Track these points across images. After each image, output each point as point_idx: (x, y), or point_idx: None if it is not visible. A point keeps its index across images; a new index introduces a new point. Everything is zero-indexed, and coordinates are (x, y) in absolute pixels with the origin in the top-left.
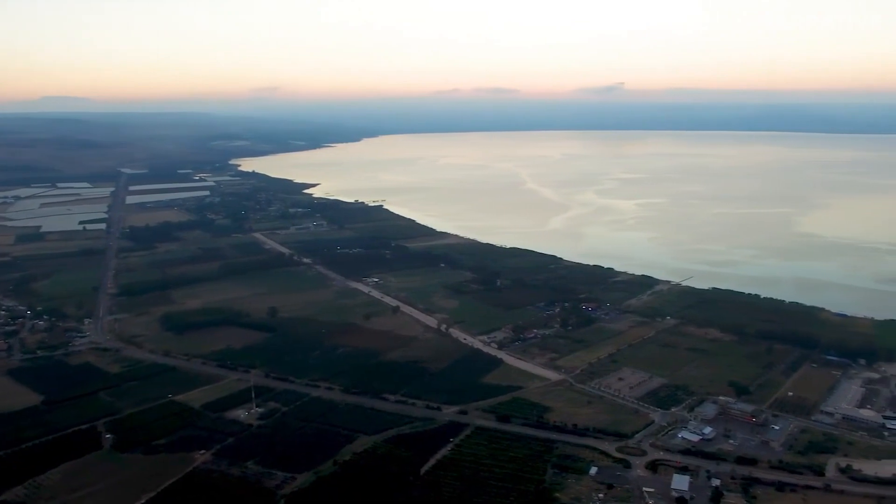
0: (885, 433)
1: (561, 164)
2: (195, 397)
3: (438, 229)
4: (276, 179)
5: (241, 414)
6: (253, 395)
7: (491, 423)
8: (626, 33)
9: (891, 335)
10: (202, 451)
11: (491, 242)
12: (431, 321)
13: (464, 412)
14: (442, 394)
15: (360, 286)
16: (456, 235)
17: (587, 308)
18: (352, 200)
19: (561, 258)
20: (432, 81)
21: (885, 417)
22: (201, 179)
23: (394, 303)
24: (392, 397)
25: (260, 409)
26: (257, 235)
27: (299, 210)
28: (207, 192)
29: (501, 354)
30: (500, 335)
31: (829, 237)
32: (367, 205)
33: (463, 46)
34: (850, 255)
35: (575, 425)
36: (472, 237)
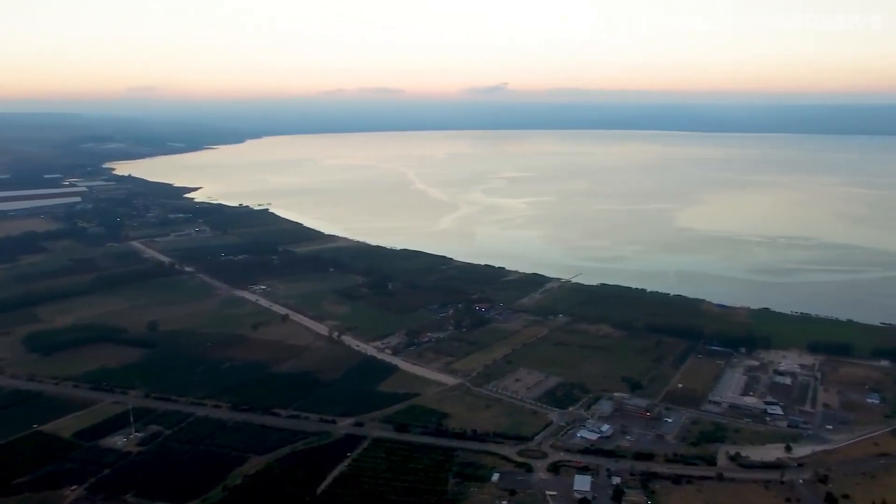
0: (767, 419)
1: (448, 163)
2: (65, 426)
3: (327, 232)
4: (154, 184)
5: (118, 441)
6: (131, 419)
7: (389, 434)
8: (508, 34)
9: (766, 323)
10: (74, 487)
11: (381, 245)
12: (323, 329)
13: (360, 424)
14: (336, 405)
15: (247, 295)
16: (345, 238)
17: (480, 308)
18: (236, 204)
19: (452, 259)
20: (317, 81)
21: (767, 403)
22: (71, 185)
23: (283, 311)
24: (284, 412)
25: (140, 434)
26: (135, 244)
27: (180, 216)
28: (78, 199)
29: (396, 360)
30: (393, 340)
31: (705, 231)
32: (251, 209)
33: (347, 46)
34: (725, 247)
35: (474, 431)
36: (361, 240)
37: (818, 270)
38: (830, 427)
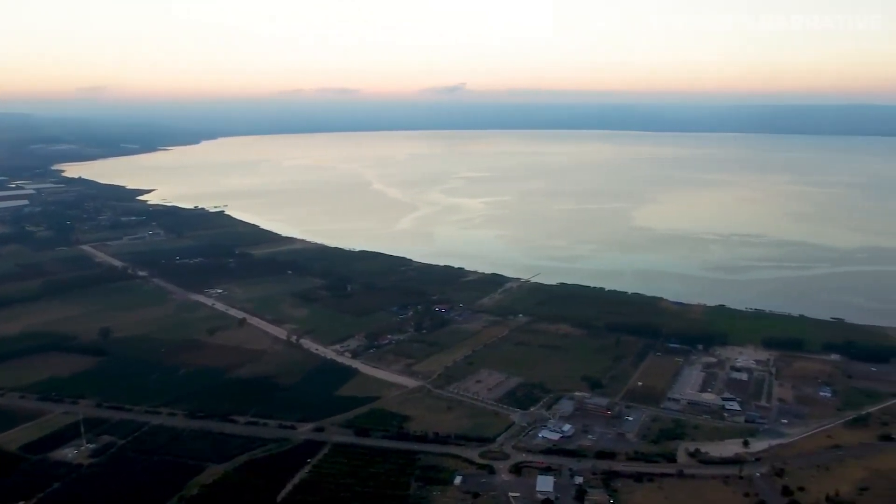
0: (725, 414)
1: (407, 163)
2: (12, 438)
3: (284, 234)
4: (106, 186)
5: (69, 453)
6: (82, 430)
7: (349, 439)
8: (467, 35)
9: (722, 320)
10: (21, 503)
11: (339, 246)
12: (281, 332)
13: (320, 429)
14: (296, 411)
15: (203, 299)
16: (303, 240)
17: (440, 309)
18: (191, 207)
19: (411, 260)
20: (274, 81)
21: (724, 399)
22: (18, 187)
23: (240, 315)
24: (242, 419)
25: (91, 446)
26: (86, 248)
27: (133, 218)
28: (26, 202)
29: (356, 364)
30: (353, 343)
31: (662, 229)
32: (207, 211)
33: (306, 45)
34: (681, 245)
35: (436, 433)
36: (319, 241)
37: (770, 267)
38: (786, 421)
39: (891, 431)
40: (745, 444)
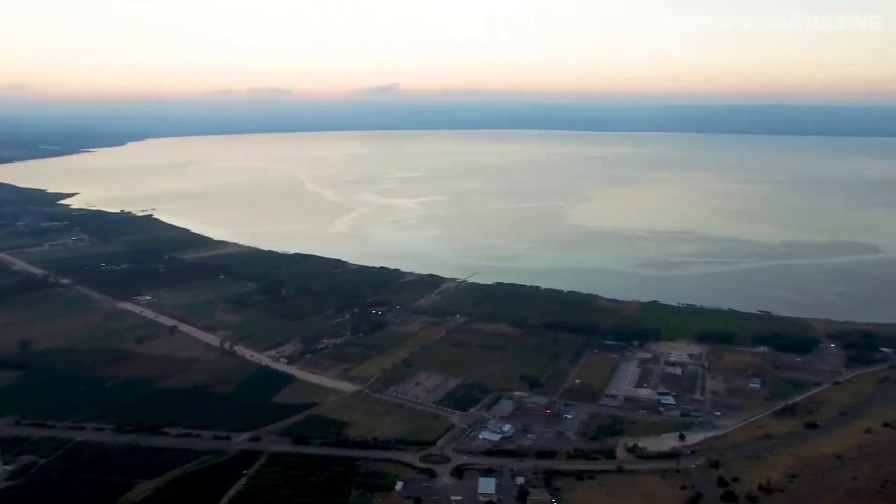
0: (661, 409)
1: (340, 164)
2: None
3: (216, 238)
4: (24, 190)
5: None
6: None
7: (287, 448)
8: (399, 35)
9: (655, 316)
10: None
11: (273, 249)
12: (213, 339)
13: (256, 439)
14: (230, 420)
15: (131, 306)
16: (235, 244)
17: (377, 312)
18: (117, 211)
19: (347, 262)
20: (204, 81)
21: (660, 394)
22: None
23: (170, 322)
24: (173, 431)
25: (9, 467)
26: (2, 255)
27: (54, 224)
28: None
29: (292, 369)
30: (289, 348)
31: (595, 227)
32: (134, 215)
33: (236, 45)
34: (614, 243)
35: (376, 439)
36: (252, 245)
37: (700, 263)
38: (719, 413)
39: (816, 419)
40: (681, 437)
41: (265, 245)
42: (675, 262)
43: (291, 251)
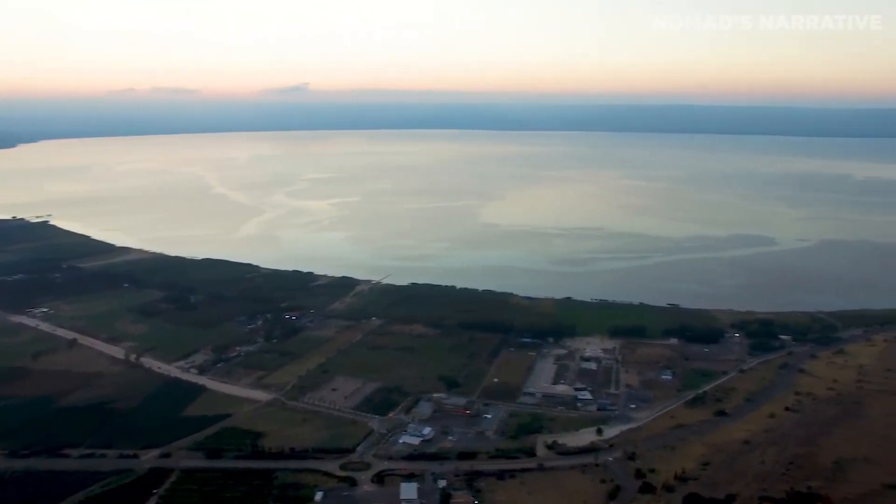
0: (578, 405)
1: (250, 166)
2: None
3: (119, 244)
4: None
5: None
6: None
7: (200, 463)
8: (309, 33)
9: (569, 312)
10: None
11: (181, 255)
12: (118, 351)
13: (167, 455)
14: (138, 437)
15: (26, 320)
16: (140, 250)
17: (291, 317)
18: (8, 217)
19: (258, 266)
20: (103, 79)
21: (577, 390)
22: None
23: (69, 335)
24: (76, 452)
25: None
26: None
27: None
28: None
29: (203, 380)
30: (199, 358)
31: (508, 225)
32: (28, 222)
33: (137, 42)
34: (527, 240)
35: (293, 449)
36: (158, 251)
37: (611, 258)
38: (634, 406)
39: (724, 407)
40: (599, 432)
41: (172, 251)
42: (587, 259)
43: (200, 256)
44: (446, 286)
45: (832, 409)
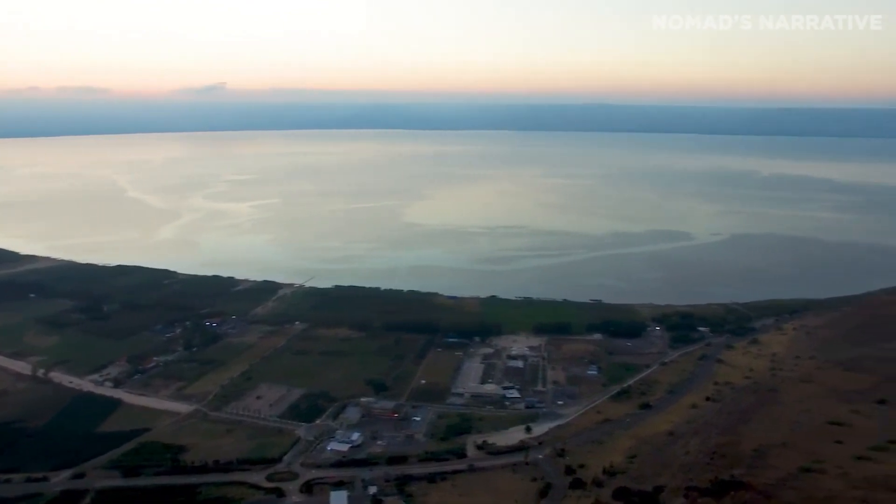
0: (507, 403)
1: (165, 168)
2: None
3: (24, 252)
4: None
5: None
6: None
7: (117, 482)
8: (225, 31)
9: (494, 311)
10: None
11: (92, 262)
12: (24, 367)
13: (80, 475)
14: (48, 458)
15: None
16: (48, 258)
17: (211, 323)
18: None
19: (176, 272)
20: (2, 78)
21: (504, 388)
22: None
23: None
24: None
25: None
26: None
27: None
28: None
29: (119, 394)
30: (114, 370)
31: (431, 225)
32: None
33: (40, 38)
34: (451, 240)
35: (217, 461)
36: (68, 258)
37: (534, 256)
38: (561, 402)
39: (648, 399)
40: (528, 430)
41: (83, 258)
42: (511, 257)
43: (113, 263)
44: (371, 287)
45: (749, 397)
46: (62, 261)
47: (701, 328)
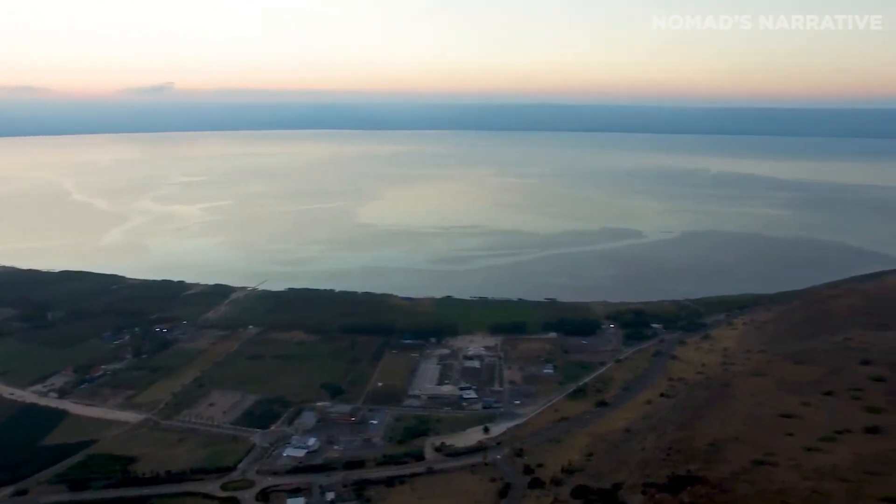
0: (464, 404)
1: (111, 170)
2: None
3: None
4: None
5: None
6: None
7: (63, 497)
8: (171, 30)
9: (450, 311)
10: None
11: (35, 268)
12: None
13: (23, 492)
14: None
15: None
16: None
17: (161, 329)
18: None
19: (123, 277)
20: None
21: (461, 389)
22: None
23: None
24: None
25: None
26: None
27: None
28: None
29: (65, 404)
30: (59, 380)
31: (385, 226)
32: None
33: None
34: (405, 240)
35: (169, 472)
36: (8, 264)
37: (488, 256)
38: (518, 402)
39: (604, 397)
40: (486, 430)
41: (24, 263)
42: (465, 257)
43: (57, 269)
44: (325, 290)
45: (703, 392)
46: (2, 267)
47: (654, 325)
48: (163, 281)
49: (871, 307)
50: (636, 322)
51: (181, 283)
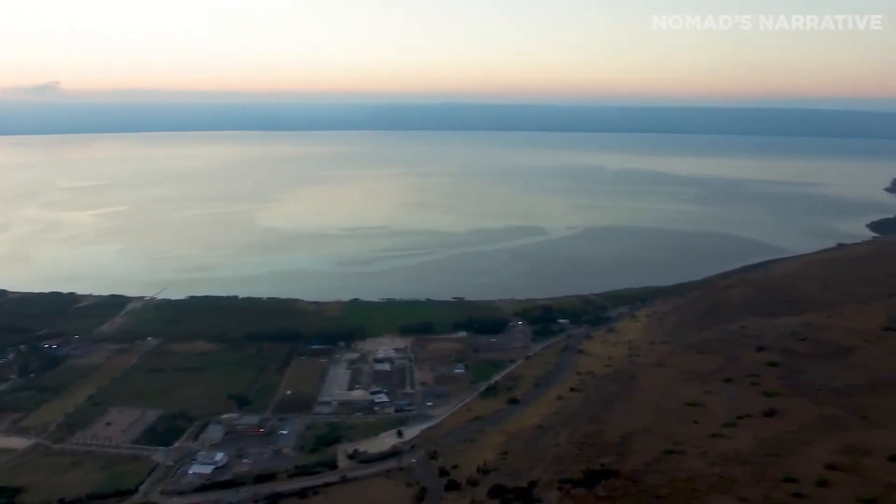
0: (376, 408)
1: None
2: None
3: None
4: None
5: None
6: None
7: None
8: (57, 26)
9: (358, 314)
10: None
11: None
12: None
13: None
14: None
15: None
16: None
17: (50, 346)
18: None
19: (6, 290)
20: None
21: (373, 393)
22: None
23: None
24: None
25: None
26: None
27: None
28: None
29: None
30: None
31: (291, 229)
32: None
33: None
34: (311, 243)
35: (62, 500)
36: None
37: (396, 256)
38: (431, 403)
39: (516, 395)
40: (399, 434)
41: None
42: (372, 258)
43: None
44: (228, 297)
45: (611, 385)
46: None
47: (561, 320)
48: (51, 293)
49: (760, 296)
50: (544, 318)
51: (72, 294)
